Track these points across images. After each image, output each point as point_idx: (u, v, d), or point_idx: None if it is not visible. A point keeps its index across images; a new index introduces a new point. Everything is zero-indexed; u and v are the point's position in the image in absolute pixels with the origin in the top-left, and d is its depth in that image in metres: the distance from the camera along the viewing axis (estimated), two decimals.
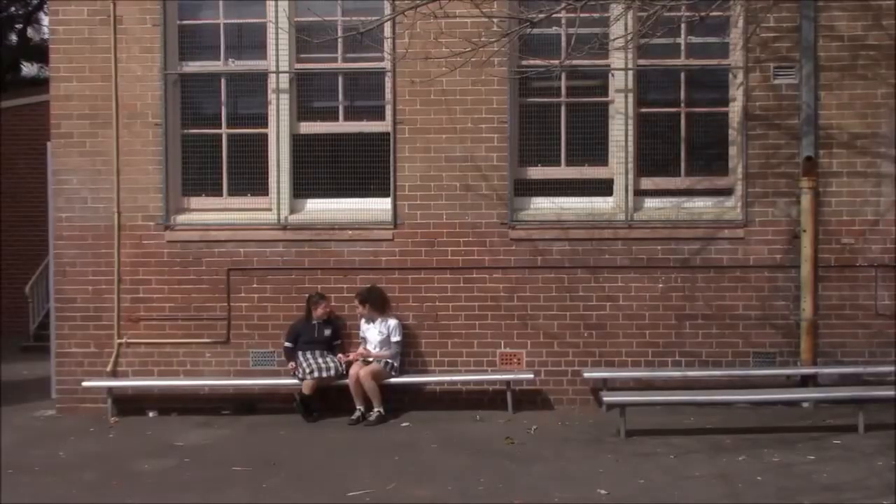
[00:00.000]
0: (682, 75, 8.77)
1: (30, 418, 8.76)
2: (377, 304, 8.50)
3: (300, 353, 8.41)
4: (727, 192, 8.80)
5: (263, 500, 6.09)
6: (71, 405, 8.80)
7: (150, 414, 8.74)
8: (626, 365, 8.66)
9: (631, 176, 8.70)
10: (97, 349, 8.80)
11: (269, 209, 8.85)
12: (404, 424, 8.19)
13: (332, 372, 8.32)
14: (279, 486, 6.38)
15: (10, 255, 15.93)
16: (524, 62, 8.45)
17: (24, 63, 22.89)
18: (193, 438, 7.83)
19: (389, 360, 8.40)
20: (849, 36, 8.53)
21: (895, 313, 8.53)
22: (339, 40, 8.45)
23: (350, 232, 8.76)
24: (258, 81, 8.87)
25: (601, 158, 8.81)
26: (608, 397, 7.92)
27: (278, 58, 8.73)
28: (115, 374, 8.78)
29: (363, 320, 8.54)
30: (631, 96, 8.68)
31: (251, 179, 8.91)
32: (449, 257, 8.71)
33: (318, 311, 8.50)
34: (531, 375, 8.58)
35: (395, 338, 8.46)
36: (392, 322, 8.49)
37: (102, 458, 7.25)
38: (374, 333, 8.45)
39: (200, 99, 9.00)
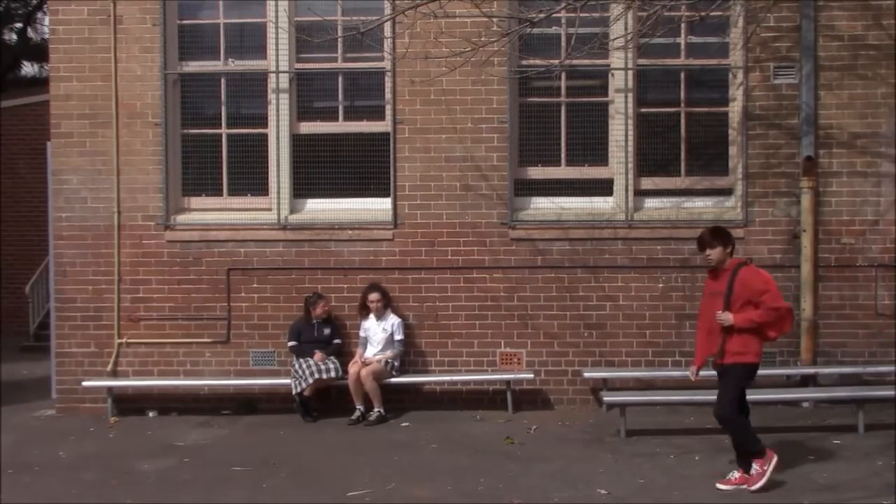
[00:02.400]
0: (682, 75, 8.77)
1: (30, 418, 8.76)
2: (387, 298, 8.54)
3: (298, 358, 8.40)
4: (727, 192, 8.80)
5: (263, 500, 6.09)
6: (71, 405, 8.80)
7: (150, 414, 8.74)
8: (626, 365, 8.66)
9: (631, 176, 8.70)
10: (97, 349, 8.80)
11: (269, 209, 8.85)
12: (404, 424, 8.19)
13: (332, 373, 8.32)
14: (279, 486, 6.38)
15: (10, 255, 15.93)
16: (524, 62, 8.46)
17: (25, 62, 22.90)
18: (193, 438, 7.84)
19: (390, 360, 8.40)
20: (849, 36, 8.53)
21: (895, 313, 8.53)
22: (339, 40, 8.45)
23: (350, 232, 8.76)
24: (258, 81, 8.87)
25: (601, 158, 8.81)
26: (608, 397, 7.93)
27: (278, 58, 8.73)
28: (115, 374, 8.79)
29: (371, 318, 8.50)
30: (631, 96, 8.68)
31: (251, 179, 8.92)
32: (449, 257, 8.71)
33: (317, 311, 8.50)
34: (531, 375, 8.59)
35: (399, 336, 8.47)
36: (396, 320, 8.49)
37: (102, 458, 7.25)
38: (379, 331, 8.45)
39: (200, 99, 9.01)
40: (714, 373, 8.42)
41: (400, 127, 8.68)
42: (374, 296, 8.44)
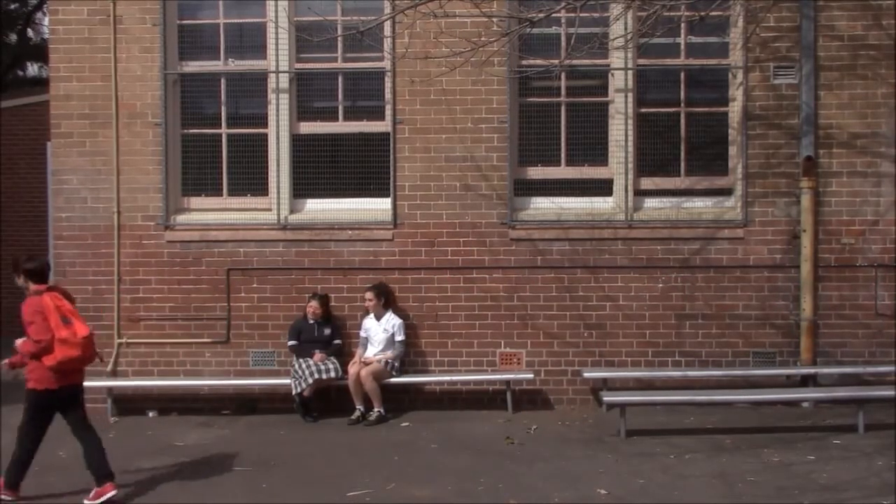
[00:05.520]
0: (682, 75, 8.77)
1: None
2: (389, 298, 8.56)
3: (298, 358, 8.40)
4: (727, 192, 8.80)
5: (263, 500, 6.09)
6: None
7: (150, 414, 8.74)
8: (626, 365, 8.66)
9: (631, 176, 8.70)
10: (97, 349, 8.78)
11: (269, 209, 8.85)
12: (404, 424, 8.19)
13: (332, 373, 8.32)
14: (279, 486, 6.38)
15: (10, 255, 15.89)
16: (524, 62, 8.46)
17: (26, 62, 22.89)
18: (193, 438, 7.83)
19: (391, 360, 8.40)
20: (849, 36, 8.53)
21: (895, 313, 8.54)
22: (339, 40, 8.45)
23: (350, 232, 8.76)
24: (258, 81, 8.87)
25: (601, 158, 8.81)
26: (608, 397, 7.93)
27: (278, 58, 8.73)
28: (115, 374, 8.79)
29: (371, 317, 8.52)
30: (631, 96, 8.68)
31: (251, 179, 8.92)
32: (449, 257, 8.71)
33: (307, 310, 8.48)
34: (531, 375, 8.58)
35: (400, 337, 8.47)
36: (397, 321, 8.49)
37: None
38: (379, 331, 8.46)
39: (200, 99, 9.01)
40: (708, 373, 8.55)
41: (400, 127, 8.68)
42: (367, 294, 8.47)
